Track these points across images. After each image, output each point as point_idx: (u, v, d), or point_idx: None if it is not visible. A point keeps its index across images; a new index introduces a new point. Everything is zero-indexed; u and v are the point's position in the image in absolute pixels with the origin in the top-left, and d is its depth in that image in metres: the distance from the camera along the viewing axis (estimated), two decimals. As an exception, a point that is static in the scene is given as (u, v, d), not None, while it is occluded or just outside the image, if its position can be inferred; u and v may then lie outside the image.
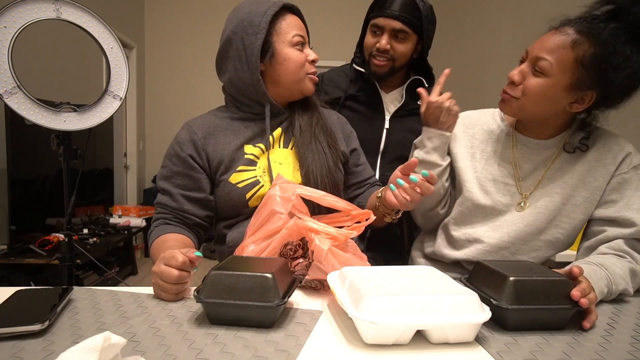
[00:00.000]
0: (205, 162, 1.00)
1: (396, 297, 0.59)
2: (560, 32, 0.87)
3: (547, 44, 0.87)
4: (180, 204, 0.99)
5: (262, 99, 1.01)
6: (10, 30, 1.11)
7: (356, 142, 1.18)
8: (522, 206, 0.99)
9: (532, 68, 0.89)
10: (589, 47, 0.83)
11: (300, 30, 1.02)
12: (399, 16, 1.23)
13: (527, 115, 0.94)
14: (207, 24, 5.23)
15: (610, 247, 0.91)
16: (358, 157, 1.17)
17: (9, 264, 2.51)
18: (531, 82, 0.89)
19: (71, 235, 1.29)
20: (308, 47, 1.05)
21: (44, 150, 1.75)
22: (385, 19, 1.24)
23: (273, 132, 1.04)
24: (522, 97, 0.90)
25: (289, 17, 1.02)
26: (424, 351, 0.58)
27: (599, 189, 0.95)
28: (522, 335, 0.64)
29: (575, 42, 0.84)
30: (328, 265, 0.76)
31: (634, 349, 0.60)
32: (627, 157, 0.95)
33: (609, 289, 0.79)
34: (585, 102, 0.89)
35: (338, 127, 1.15)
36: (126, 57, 1.29)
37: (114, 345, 0.46)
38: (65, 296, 0.69)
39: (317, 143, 1.03)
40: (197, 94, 5.24)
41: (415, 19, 1.25)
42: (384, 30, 1.26)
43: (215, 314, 0.64)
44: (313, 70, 1.05)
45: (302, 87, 1.04)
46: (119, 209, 3.81)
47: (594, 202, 0.96)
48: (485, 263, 0.74)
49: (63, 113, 1.20)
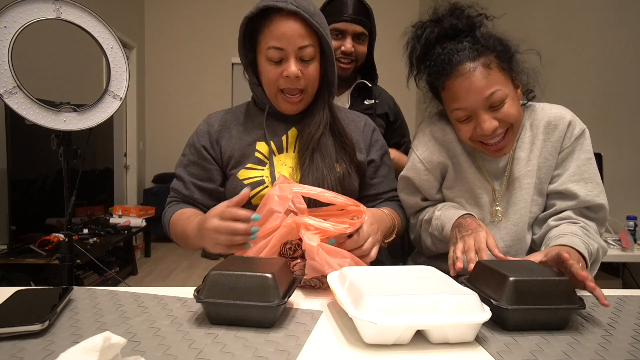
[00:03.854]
0: (218, 155, 1.03)
1: (396, 297, 0.59)
2: (461, 72, 0.88)
3: (476, 86, 0.87)
4: (191, 192, 1.03)
5: (263, 99, 1.02)
6: (11, 30, 1.11)
7: (378, 153, 1.10)
8: (499, 215, 1.00)
9: (489, 108, 0.89)
10: (487, 55, 0.89)
11: (280, 41, 0.90)
12: (359, 20, 1.31)
13: (517, 134, 0.98)
14: (207, 23, 5.23)
15: (559, 219, 0.95)
16: (375, 170, 1.09)
17: (9, 264, 2.51)
18: (507, 112, 0.89)
19: (71, 235, 1.29)
20: (291, 60, 0.91)
21: (44, 150, 1.75)
22: (347, 24, 1.31)
23: (288, 131, 1.03)
24: (509, 130, 0.92)
25: (276, 21, 0.90)
26: (424, 351, 0.58)
27: (551, 168, 0.98)
28: (522, 335, 0.64)
29: (483, 64, 0.88)
30: (321, 261, 0.76)
31: (634, 349, 0.60)
32: (568, 128, 0.97)
33: (589, 251, 0.84)
34: (519, 87, 0.94)
35: (360, 135, 1.08)
36: (126, 57, 1.29)
37: (114, 345, 0.46)
38: (65, 296, 0.69)
39: (315, 162, 0.98)
40: (197, 94, 5.25)
41: (368, 20, 1.35)
42: (346, 33, 1.33)
43: (215, 314, 0.64)
44: (287, 86, 0.94)
45: (278, 106, 1.00)
46: (119, 209, 3.81)
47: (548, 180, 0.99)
48: (485, 263, 0.74)
49: (63, 113, 1.20)
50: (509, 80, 0.91)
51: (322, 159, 0.98)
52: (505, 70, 0.90)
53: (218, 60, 5.24)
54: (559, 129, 0.97)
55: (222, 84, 5.25)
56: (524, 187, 0.98)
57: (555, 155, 0.98)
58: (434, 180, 1.04)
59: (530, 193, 0.98)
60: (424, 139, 1.04)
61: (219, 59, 5.24)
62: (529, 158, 0.98)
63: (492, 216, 1.01)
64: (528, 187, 0.98)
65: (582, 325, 0.68)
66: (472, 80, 0.87)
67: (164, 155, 5.24)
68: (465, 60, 0.88)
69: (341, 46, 1.33)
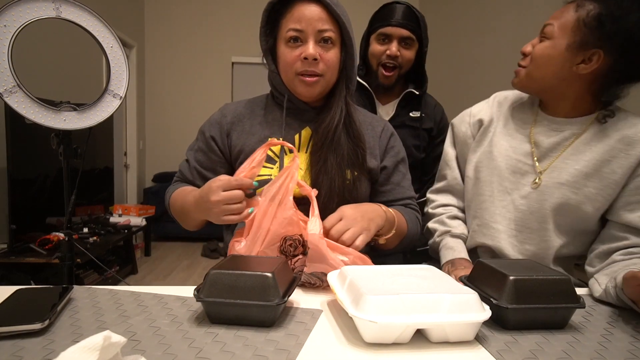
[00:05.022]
0: (226, 147, 1.03)
1: (396, 296, 0.59)
2: (573, 2, 0.88)
3: (556, 13, 0.90)
4: (193, 178, 1.06)
5: (281, 88, 1.01)
6: (10, 29, 1.11)
7: (392, 160, 1.07)
8: (537, 182, 0.94)
9: (540, 36, 0.91)
10: (593, 8, 0.85)
11: (300, 22, 0.91)
12: (405, 24, 1.35)
13: (535, 83, 0.94)
14: (207, 23, 5.22)
15: (629, 253, 0.85)
16: (387, 177, 1.06)
17: (9, 263, 2.51)
18: (537, 47, 0.92)
19: (71, 234, 1.29)
20: (310, 42, 0.92)
21: (44, 149, 1.75)
22: (393, 28, 1.36)
23: (302, 130, 1.02)
24: (529, 64, 0.92)
25: (298, 6, 0.92)
26: (424, 350, 0.58)
27: (616, 184, 0.88)
28: (523, 334, 0.64)
29: (579, 4, 0.87)
30: (325, 249, 0.78)
31: (634, 348, 0.60)
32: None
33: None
34: (592, 62, 0.87)
35: (376, 140, 1.05)
36: (126, 56, 1.28)
37: (114, 344, 0.46)
38: (65, 295, 0.69)
39: (328, 164, 0.95)
40: (197, 93, 5.24)
41: (417, 26, 1.37)
42: (392, 37, 1.37)
43: (215, 313, 0.64)
44: (305, 69, 0.93)
45: (294, 89, 0.98)
46: (119, 208, 3.81)
47: (609, 199, 0.89)
48: (485, 262, 0.74)
49: (63, 112, 1.20)
50: (577, 37, 0.87)
51: (335, 161, 0.96)
52: (586, 28, 0.86)
53: (218, 60, 5.23)
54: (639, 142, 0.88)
55: (222, 83, 5.24)
56: (561, 178, 0.92)
57: (628, 171, 0.88)
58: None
59: (563, 190, 0.91)
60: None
61: (219, 58, 5.23)
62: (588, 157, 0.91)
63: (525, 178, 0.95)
64: (566, 182, 0.91)
65: (582, 325, 0.68)
66: (562, 8, 0.92)
67: (163, 155, 5.24)
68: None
69: (387, 50, 1.37)
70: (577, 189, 0.91)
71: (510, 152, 0.98)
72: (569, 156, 0.93)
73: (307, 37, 0.92)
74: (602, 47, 0.85)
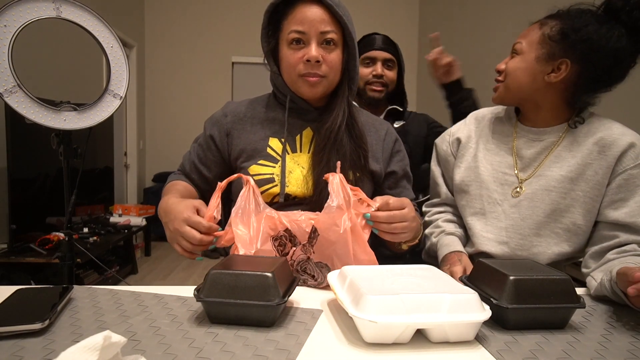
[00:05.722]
0: (225, 147, 1.03)
1: (396, 296, 0.59)
2: (537, 22, 0.97)
3: (523, 33, 0.98)
4: (190, 170, 1.08)
5: (284, 89, 1.01)
6: (11, 29, 1.11)
7: (399, 164, 1.08)
8: (518, 191, 0.98)
9: (511, 54, 0.99)
10: (555, 24, 0.92)
11: (302, 24, 0.91)
12: (386, 48, 1.56)
13: (513, 94, 0.99)
14: (208, 23, 5.22)
15: (622, 252, 0.87)
16: (396, 181, 1.07)
17: (9, 263, 2.51)
18: (509, 63, 0.98)
19: (71, 234, 1.29)
20: (313, 44, 0.92)
21: (44, 149, 1.75)
22: (376, 51, 1.56)
23: (303, 131, 1.02)
24: (505, 78, 0.98)
25: (300, 7, 0.92)
26: (424, 350, 0.58)
27: (600, 184, 0.91)
28: (523, 334, 0.64)
29: (542, 23, 0.95)
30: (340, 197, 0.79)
31: (634, 348, 0.60)
32: (630, 149, 0.90)
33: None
34: (561, 70, 0.92)
35: (380, 144, 1.05)
36: (126, 56, 1.28)
37: (114, 344, 0.46)
38: (65, 295, 0.69)
39: (329, 162, 0.95)
40: (197, 93, 5.24)
41: (395, 51, 1.59)
42: (376, 60, 1.56)
43: (216, 313, 0.64)
44: (308, 71, 0.93)
45: (298, 90, 0.98)
46: (119, 208, 3.82)
47: (597, 199, 0.92)
48: (485, 262, 0.74)
49: (63, 112, 1.20)
50: (544, 50, 0.93)
51: (333, 161, 0.95)
52: (551, 41, 0.92)
53: (218, 60, 5.23)
54: (615, 144, 0.91)
55: (222, 83, 5.24)
56: (549, 186, 0.95)
57: (608, 172, 0.91)
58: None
59: (553, 196, 0.95)
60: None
61: (220, 58, 5.23)
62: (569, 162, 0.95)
63: (511, 188, 0.99)
64: (553, 187, 0.95)
65: (582, 325, 0.68)
66: (529, 28, 1.00)
67: (164, 154, 5.24)
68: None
69: (373, 71, 1.55)
70: (564, 193, 0.94)
71: (496, 166, 1.02)
72: (552, 164, 0.97)
73: (310, 39, 0.92)
74: (568, 56, 0.91)
